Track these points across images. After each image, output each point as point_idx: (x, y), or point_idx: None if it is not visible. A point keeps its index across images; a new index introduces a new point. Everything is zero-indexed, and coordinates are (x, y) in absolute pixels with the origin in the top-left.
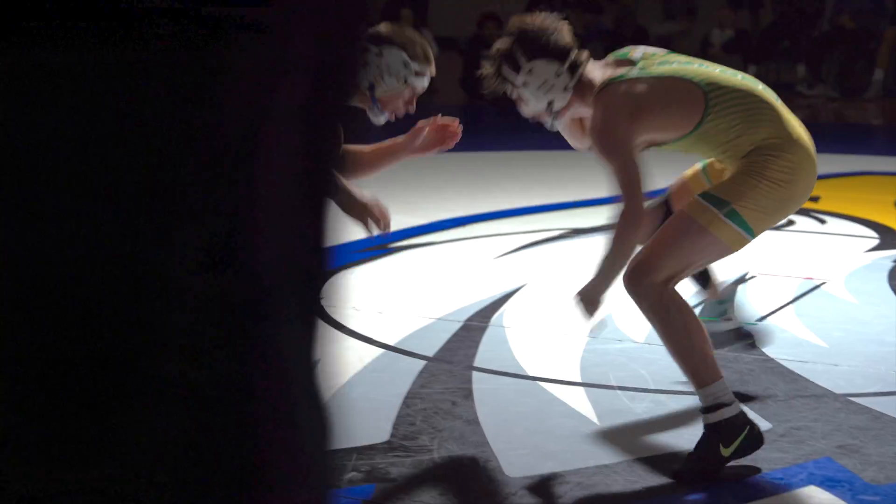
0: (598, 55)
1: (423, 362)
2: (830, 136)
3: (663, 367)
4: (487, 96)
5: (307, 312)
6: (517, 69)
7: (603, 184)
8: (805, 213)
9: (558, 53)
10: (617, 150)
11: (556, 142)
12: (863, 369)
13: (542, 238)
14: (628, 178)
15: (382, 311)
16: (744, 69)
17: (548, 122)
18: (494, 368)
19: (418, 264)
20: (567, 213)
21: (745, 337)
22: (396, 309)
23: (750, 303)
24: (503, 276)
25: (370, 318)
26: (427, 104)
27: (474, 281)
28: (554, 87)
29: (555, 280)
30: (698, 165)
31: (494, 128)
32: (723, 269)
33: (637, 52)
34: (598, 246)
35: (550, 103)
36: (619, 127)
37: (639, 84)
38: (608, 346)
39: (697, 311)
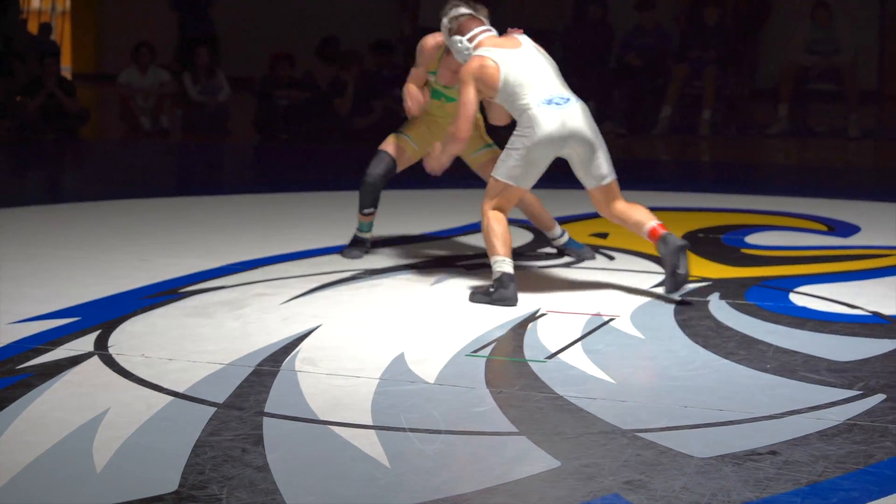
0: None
1: (212, 409)
2: (620, 172)
3: (454, 407)
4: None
5: None
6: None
7: (395, 224)
8: (594, 249)
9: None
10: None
11: (349, 184)
12: (649, 404)
13: (335, 280)
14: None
15: (172, 358)
16: None
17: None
18: (285, 413)
19: (209, 309)
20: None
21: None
22: (186, 355)
23: (541, 340)
24: (295, 319)
25: (159, 366)
26: (221, 144)
27: (266, 324)
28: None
29: (348, 321)
30: None
31: (288, 168)
32: (515, 307)
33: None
34: (390, 287)
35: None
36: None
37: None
38: (399, 387)
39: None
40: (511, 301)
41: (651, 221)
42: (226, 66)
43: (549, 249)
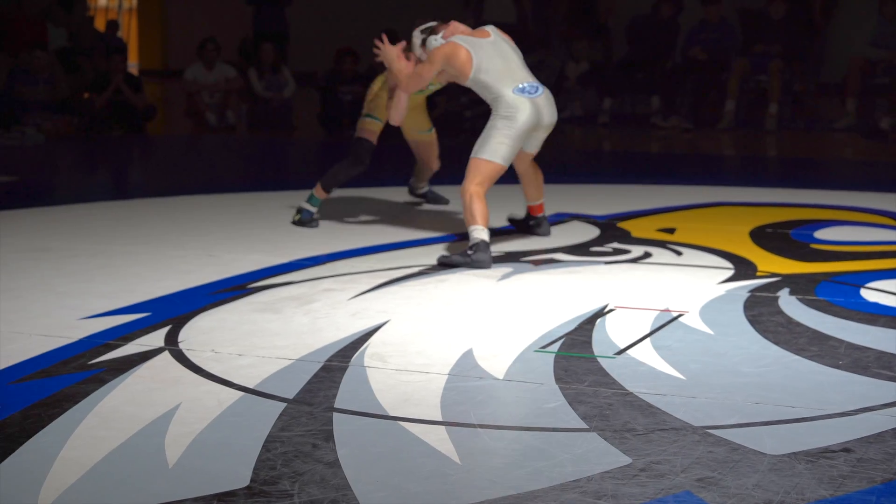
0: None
1: (282, 404)
2: (685, 167)
3: (524, 403)
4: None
5: None
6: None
7: (460, 220)
8: (661, 244)
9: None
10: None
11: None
12: (720, 401)
13: (402, 275)
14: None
15: (241, 353)
16: (599, 102)
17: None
18: (355, 409)
19: (277, 304)
20: (427, 250)
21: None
22: (255, 350)
23: (609, 336)
24: (364, 314)
25: (229, 361)
26: (286, 139)
27: (334, 319)
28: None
29: (416, 317)
30: None
31: None
32: (582, 302)
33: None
34: (457, 282)
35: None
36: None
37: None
38: (469, 383)
39: None
40: (486, 264)
41: (541, 199)
42: (291, 61)
43: (616, 244)
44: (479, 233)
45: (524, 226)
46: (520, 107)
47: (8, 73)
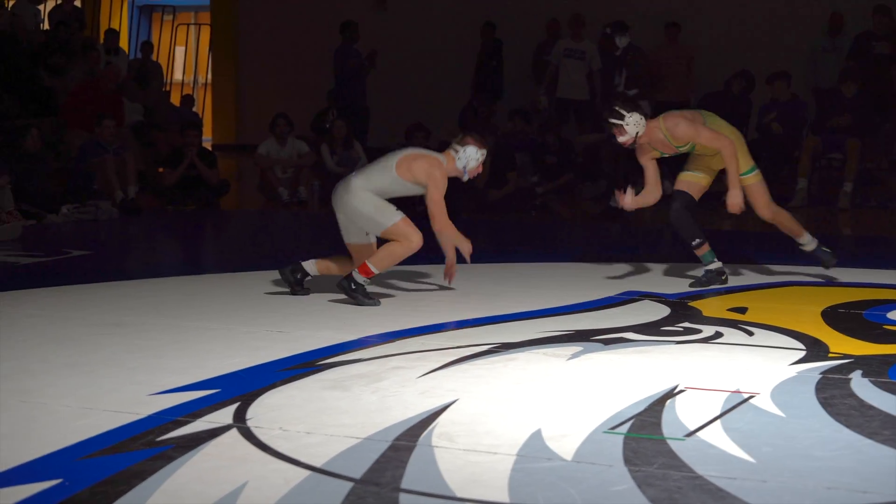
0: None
1: (349, 484)
2: (757, 246)
3: (592, 486)
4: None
5: None
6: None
7: (531, 297)
8: (733, 324)
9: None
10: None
11: (484, 256)
12: (791, 485)
13: (471, 353)
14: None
15: (310, 431)
16: (674, 178)
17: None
18: (422, 490)
19: (346, 381)
20: (496, 328)
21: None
22: (323, 428)
23: (679, 417)
24: (432, 393)
25: (297, 439)
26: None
27: (403, 398)
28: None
29: (484, 396)
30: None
31: (425, 239)
32: (652, 382)
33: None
34: (525, 361)
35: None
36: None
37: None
38: (537, 464)
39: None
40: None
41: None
42: (372, 133)
43: (687, 324)
44: None
45: None
46: None
47: (79, 147)
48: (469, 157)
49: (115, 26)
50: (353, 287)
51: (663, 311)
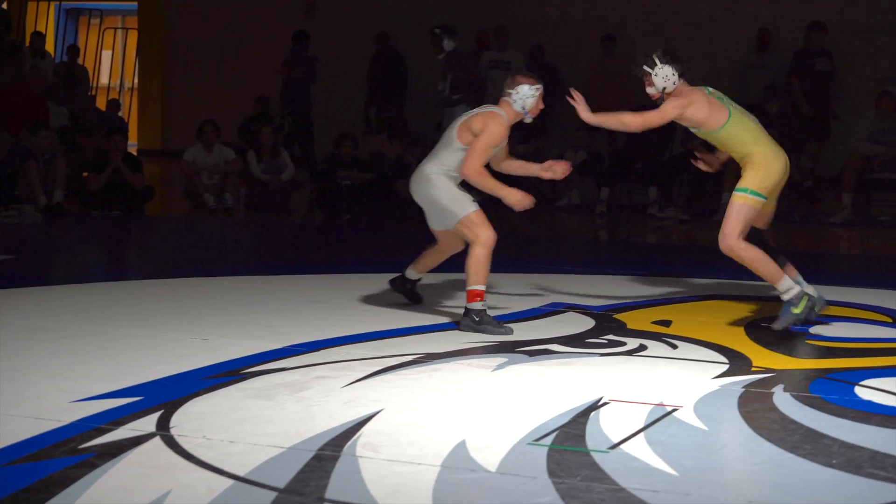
0: None
1: (273, 493)
2: (682, 259)
3: (516, 497)
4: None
5: None
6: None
7: (458, 309)
8: (657, 337)
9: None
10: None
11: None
12: (713, 498)
13: (396, 363)
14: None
15: (233, 440)
16: (597, 192)
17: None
18: (345, 500)
19: (270, 390)
20: (421, 338)
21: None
22: (247, 438)
23: (603, 429)
24: (357, 403)
25: (220, 448)
26: (283, 223)
27: (327, 407)
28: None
29: (409, 406)
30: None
31: (350, 248)
32: (576, 394)
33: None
34: (451, 371)
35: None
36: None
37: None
38: (461, 475)
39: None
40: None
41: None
42: (292, 144)
43: (612, 336)
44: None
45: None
46: None
47: (7, 151)
48: (524, 96)
49: (41, 29)
50: (478, 320)
51: (588, 323)
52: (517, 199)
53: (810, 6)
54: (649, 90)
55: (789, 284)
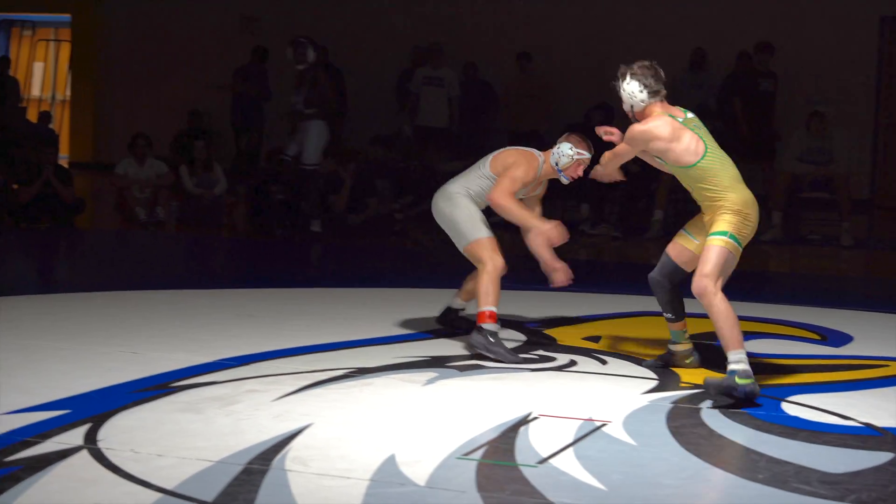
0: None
1: None
2: (613, 276)
3: None
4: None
5: None
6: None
7: (387, 323)
8: (587, 353)
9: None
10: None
11: (342, 281)
12: None
13: (327, 378)
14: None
15: (161, 454)
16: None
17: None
18: None
19: (200, 404)
20: (352, 352)
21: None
22: (176, 451)
23: (532, 444)
24: (287, 417)
25: (148, 461)
26: (215, 237)
27: (257, 421)
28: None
29: (339, 420)
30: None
31: (282, 263)
32: (506, 409)
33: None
34: (382, 386)
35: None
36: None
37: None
38: (390, 489)
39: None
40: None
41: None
42: (225, 158)
43: (542, 352)
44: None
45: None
46: None
47: None
48: (561, 153)
49: None
50: (493, 341)
51: (519, 338)
52: (547, 229)
53: (744, 28)
54: (624, 106)
55: (742, 357)
